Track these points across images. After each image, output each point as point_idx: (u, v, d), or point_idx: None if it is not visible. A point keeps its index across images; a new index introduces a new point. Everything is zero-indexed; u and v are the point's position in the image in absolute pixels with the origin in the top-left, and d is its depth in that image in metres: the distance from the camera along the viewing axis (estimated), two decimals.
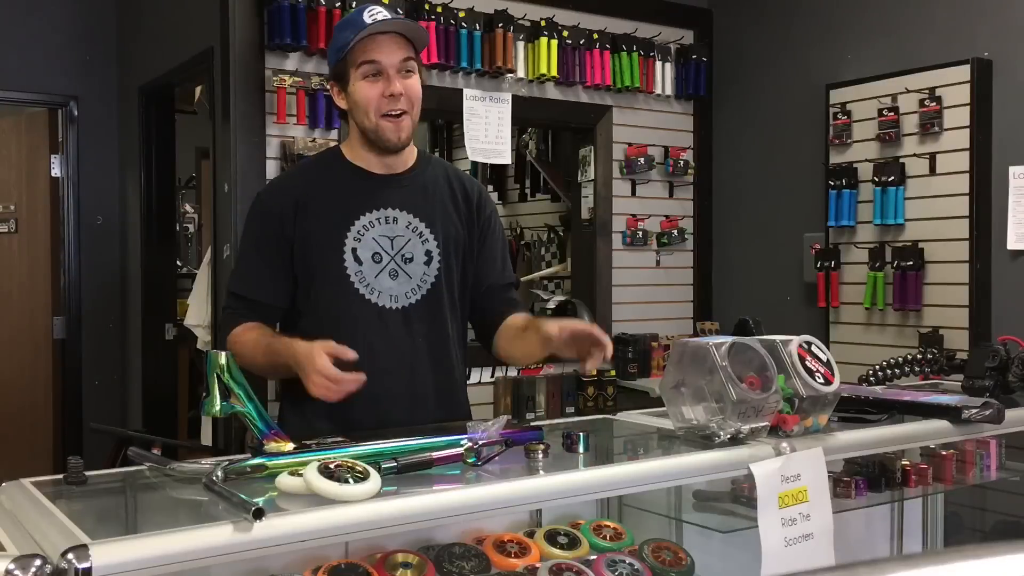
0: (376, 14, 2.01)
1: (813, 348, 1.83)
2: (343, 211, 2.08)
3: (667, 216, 4.74)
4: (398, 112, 2.04)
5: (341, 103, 2.11)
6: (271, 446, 1.55)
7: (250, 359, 1.97)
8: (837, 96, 4.18)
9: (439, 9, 3.98)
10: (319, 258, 2.07)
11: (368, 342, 2.02)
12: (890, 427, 2.01)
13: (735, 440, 1.72)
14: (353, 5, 3.74)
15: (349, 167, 2.13)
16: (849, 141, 4.13)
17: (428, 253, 2.12)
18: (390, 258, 2.09)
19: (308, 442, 1.60)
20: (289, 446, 1.56)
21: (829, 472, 1.79)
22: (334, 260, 2.06)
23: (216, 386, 1.58)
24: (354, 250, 2.06)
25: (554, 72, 4.26)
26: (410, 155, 2.16)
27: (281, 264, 2.09)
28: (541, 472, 1.61)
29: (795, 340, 1.82)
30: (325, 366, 1.81)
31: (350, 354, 1.84)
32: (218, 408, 1.58)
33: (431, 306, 2.12)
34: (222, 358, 1.58)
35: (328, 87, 2.12)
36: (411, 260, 2.10)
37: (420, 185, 2.15)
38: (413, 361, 2.11)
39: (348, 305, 2.07)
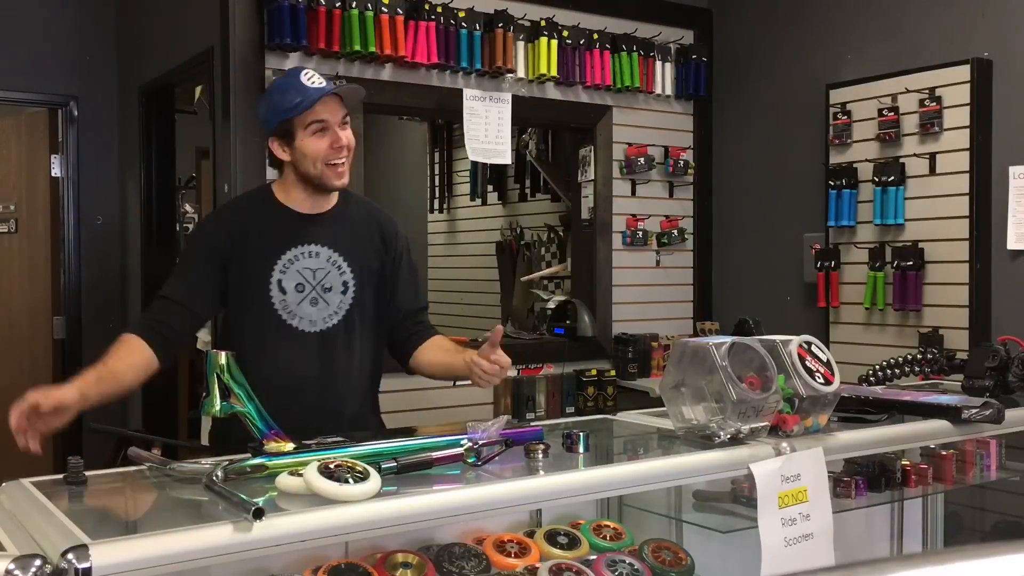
0: (313, 78, 2.29)
1: (813, 348, 1.83)
2: (273, 246, 2.34)
3: (667, 216, 4.75)
4: (341, 161, 2.31)
5: (283, 156, 2.33)
6: (271, 446, 1.55)
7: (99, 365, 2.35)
8: (837, 96, 4.18)
9: (439, 9, 3.98)
10: (248, 286, 2.34)
11: (287, 361, 2.32)
12: (890, 427, 2.01)
13: (735, 440, 1.73)
14: (353, 5, 3.74)
15: (279, 208, 2.39)
16: (849, 141, 4.13)
17: (345, 283, 2.38)
18: (312, 288, 2.35)
19: (308, 442, 1.60)
20: (289, 446, 1.56)
21: (829, 472, 1.79)
22: (261, 289, 2.32)
23: (216, 386, 1.58)
24: (279, 281, 2.33)
25: (554, 72, 4.26)
26: (333, 195, 2.42)
27: (209, 281, 2.35)
28: (541, 472, 1.61)
29: (795, 340, 1.82)
30: (21, 405, 2.07)
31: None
32: (218, 408, 1.58)
33: (346, 330, 2.38)
34: (222, 358, 1.58)
35: (269, 143, 2.34)
36: (330, 290, 2.37)
37: (340, 223, 2.42)
38: (326, 378, 2.36)
39: (271, 329, 2.32)
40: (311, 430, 2.07)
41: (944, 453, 2.20)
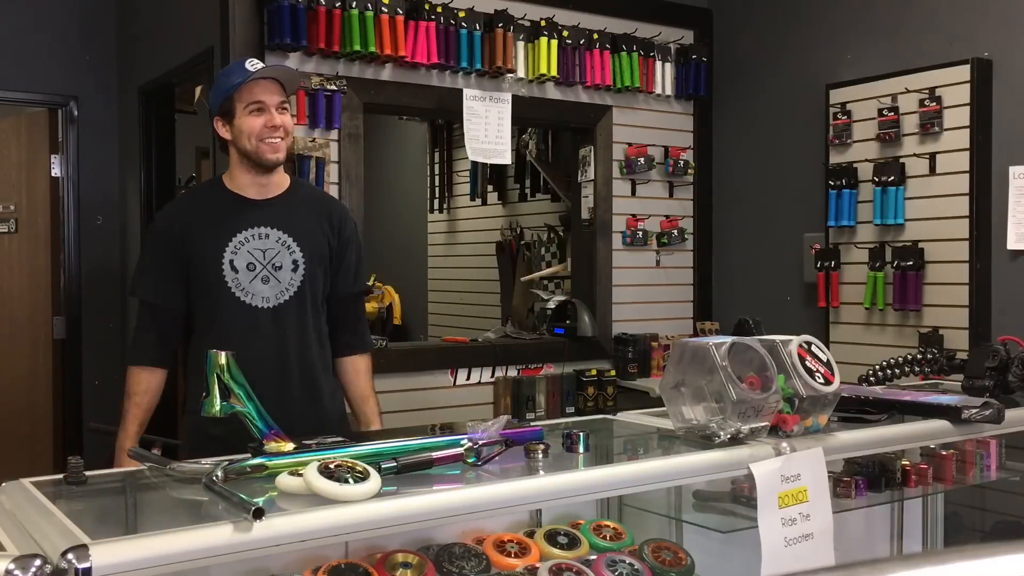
0: (255, 64, 2.46)
1: (813, 348, 1.83)
2: (224, 230, 2.49)
3: (667, 216, 4.75)
4: (276, 139, 2.47)
5: (225, 134, 2.51)
6: (271, 446, 1.55)
7: (125, 397, 2.65)
8: (837, 96, 4.18)
9: (439, 9, 3.98)
10: (203, 269, 2.49)
11: (243, 335, 2.45)
12: (890, 427, 2.01)
13: (735, 440, 1.72)
14: (353, 5, 3.74)
15: (228, 195, 2.55)
16: (849, 141, 4.13)
17: (295, 262, 2.53)
18: (263, 266, 2.50)
19: (308, 442, 1.60)
20: (289, 446, 1.56)
21: (829, 472, 1.79)
22: (214, 270, 2.47)
23: (216, 386, 1.58)
24: (231, 261, 2.48)
25: (554, 72, 4.26)
26: (283, 182, 2.59)
27: (176, 275, 2.52)
28: (541, 472, 1.61)
29: (795, 340, 1.82)
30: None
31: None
32: (218, 408, 1.58)
33: (298, 305, 2.53)
34: (222, 358, 1.58)
35: (214, 123, 2.51)
36: (280, 268, 2.52)
37: (289, 207, 2.57)
38: (281, 350, 2.51)
39: (227, 306, 2.49)
40: (269, 398, 2.29)
41: (944, 453, 2.20)
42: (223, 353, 1.59)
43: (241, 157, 2.51)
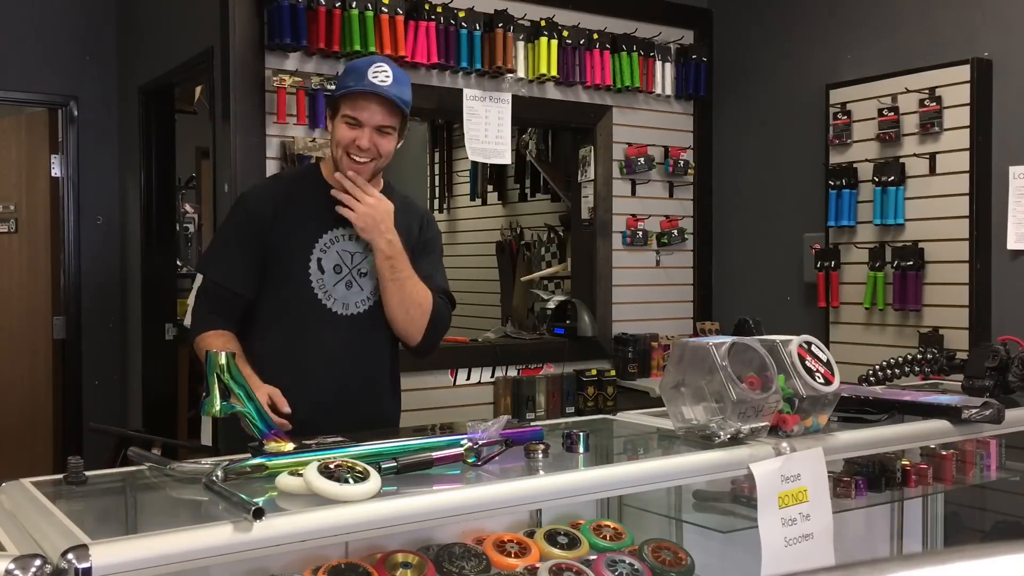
0: (379, 74, 2.28)
1: (813, 348, 1.83)
2: (314, 224, 2.36)
3: (667, 216, 4.75)
4: (362, 160, 2.31)
5: (329, 125, 2.40)
6: (271, 446, 1.55)
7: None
8: (837, 96, 4.18)
9: (439, 9, 3.98)
10: (288, 261, 2.34)
11: (316, 339, 2.35)
12: (890, 427, 2.01)
13: (735, 440, 1.73)
14: (353, 5, 3.74)
15: (323, 187, 2.38)
16: (849, 141, 4.13)
17: None
18: (348, 271, 2.38)
19: (308, 442, 1.60)
20: (289, 446, 1.56)
21: (829, 472, 1.79)
22: (300, 265, 2.33)
23: (216, 386, 1.58)
24: (319, 259, 2.35)
25: (554, 72, 4.26)
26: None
27: (255, 259, 2.35)
28: (541, 472, 1.61)
29: (795, 340, 1.82)
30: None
31: (285, 408, 2.10)
32: (218, 408, 1.58)
33: (374, 317, 2.40)
34: (222, 358, 1.58)
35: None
36: (365, 275, 2.39)
37: None
38: (350, 360, 2.38)
39: (305, 306, 2.34)
40: (324, 410, 2.21)
41: (944, 453, 2.20)
42: (223, 353, 1.59)
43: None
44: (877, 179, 3.98)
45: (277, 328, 2.34)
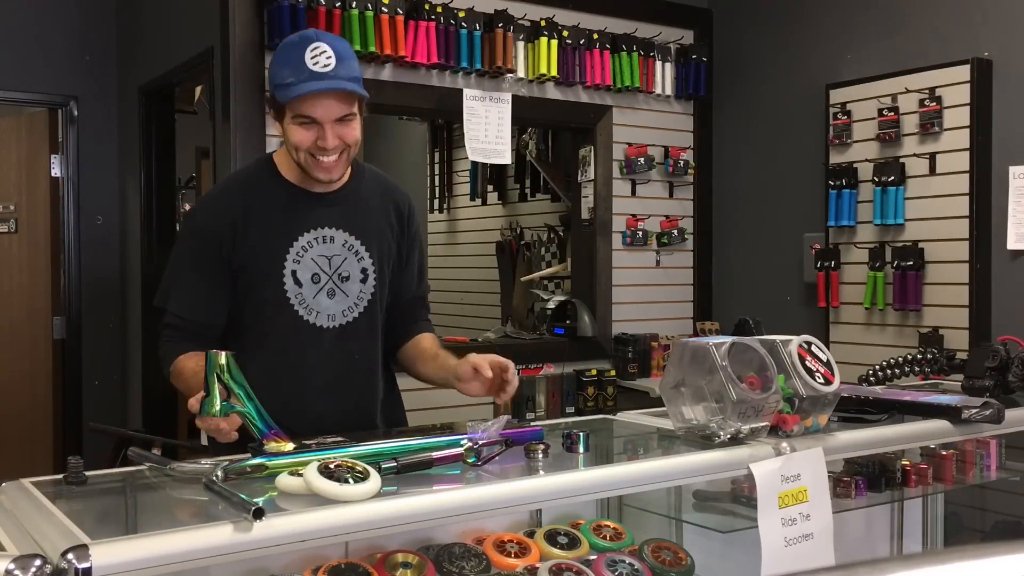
0: (319, 57, 1.94)
1: (813, 348, 1.83)
2: (282, 232, 2.08)
3: (667, 216, 4.74)
4: (329, 159, 2.02)
5: (277, 123, 2.08)
6: (271, 446, 1.55)
7: (185, 389, 1.99)
8: (837, 96, 4.18)
9: (439, 9, 3.98)
10: (259, 279, 2.08)
11: (305, 360, 2.11)
12: (890, 427, 2.01)
13: (735, 440, 1.72)
14: (353, 5, 3.74)
15: (285, 185, 2.12)
16: (849, 141, 4.13)
17: (364, 271, 2.15)
18: (328, 278, 2.11)
19: (308, 442, 1.60)
20: (289, 446, 1.56)
21: (829, 472, 1.79)
22: (274, 282, 2.07)
23: (216, 386, 1.58)
24: (294, 272, 2.08)
25: (554, 72, 4.26)
26: (348, 171, 2.16)
27: (218, 284, 2.09)
28: (541, 472, 1.61)
29: (795, 340, 1.82)
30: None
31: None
32: (218, 408, 1.58)
33: (367, 323, 2.17)
34: (222, 358, 1.58)
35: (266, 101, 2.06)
36: (347, 279, 2.13)
37: (354, 201, 2.17)
38: (349, 378, 2.16)
39: (286, 325, 2.09)
40: (330, 431, 1.95)
41: (944, 453, 2.20)
42: (223, 353, 1.58)
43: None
44: (877, 179, 3.98)
45: (261, 355, 2.07)
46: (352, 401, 2.18)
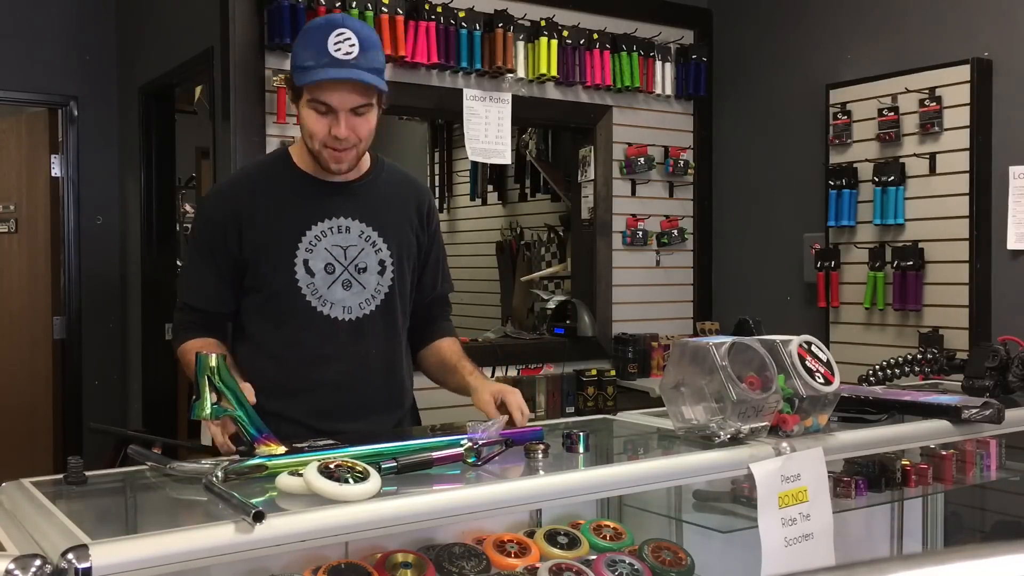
0: (341, 44, 1.90)
1: (813, 348, 1.83)
2: (293, 221, 2.05)
3: (667, 216, 4.75)
4: (342, 149, 2.00)
5: (294, 107, 2.05)
6: (262, 450, 1.55)
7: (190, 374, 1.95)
8: (837, 96, 4.18)
9: (439, 9, 3.97)
10: (269, 270, 2.05)
11: (320, 354, 2.07)
12: (890, 427, 2.01)
13: (735, 440, 1.73)
14: (353, 5, 3.74)
15: (298, 175, 2.09)
16: (849, 141, 4.13)
17: (381, 263, 2.11)
18: (343, 268, 2.07)
19: (300, 445, 1.60)
20: (281, 449, 1.56)
21: (829, 472, 1.79)
22: (285, 272, 2.04)
23: (206, 389, 1.57)
24: (306, 261, 2.04)
25: (554, 72, 4.26)
26: (364, 161, 2.13)
27: (226, 274, 2.08)
28: (541, 472, 1.61)
29: (795, 340, 1.82)
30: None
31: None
32: (208, 411, 1.58)
33: (385, 316, 2.12)
34: (212, 360, 1.57)
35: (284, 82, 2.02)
36: (364, 270, 2.09)
37: (373, 193, 2.13)
38: (366, 372, 2.11)
39: (300, 317, 2.05)
40: (345, 428, 1.98)
41: (944, 453, 2.20)
42: (213, 355, 1.58)
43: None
44: (877, 179, 3.98)
45: (273, 349, 2.07)
46: (370, 396, 2.13)
